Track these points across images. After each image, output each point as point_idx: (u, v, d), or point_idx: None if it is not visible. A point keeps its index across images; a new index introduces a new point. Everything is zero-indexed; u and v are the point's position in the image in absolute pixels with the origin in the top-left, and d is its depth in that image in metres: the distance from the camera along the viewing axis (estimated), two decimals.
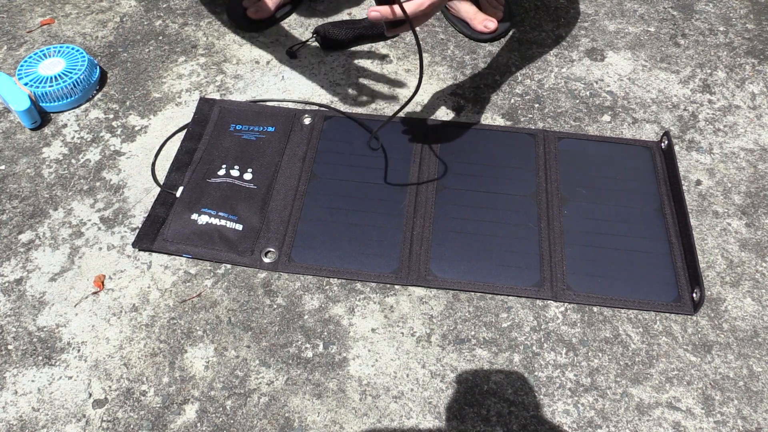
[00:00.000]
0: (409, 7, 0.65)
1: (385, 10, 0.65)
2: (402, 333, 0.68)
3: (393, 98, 0.92)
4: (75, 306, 0.70)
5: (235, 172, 0.81)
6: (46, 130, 0.87)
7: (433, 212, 0.77)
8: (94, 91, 0.92)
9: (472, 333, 0.69)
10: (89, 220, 0.78)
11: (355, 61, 0.97)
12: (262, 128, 0.86)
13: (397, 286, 0.72)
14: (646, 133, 0.88)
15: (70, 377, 0.65)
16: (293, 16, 1.05)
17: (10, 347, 0.67)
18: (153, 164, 0.83)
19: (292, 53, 0.98)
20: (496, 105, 0.91)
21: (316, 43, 1.00)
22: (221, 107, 0.89)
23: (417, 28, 0.82)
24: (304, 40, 1.00)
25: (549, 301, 0.71)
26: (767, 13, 1.07)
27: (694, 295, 0.70)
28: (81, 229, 0.77)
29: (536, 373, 0.66)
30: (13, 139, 0.86)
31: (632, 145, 0.85)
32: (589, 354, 0.67)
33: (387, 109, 0.90)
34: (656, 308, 0.70)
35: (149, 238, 0.75)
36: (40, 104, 0.88)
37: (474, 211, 0.78)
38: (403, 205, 0.78)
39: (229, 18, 1.02)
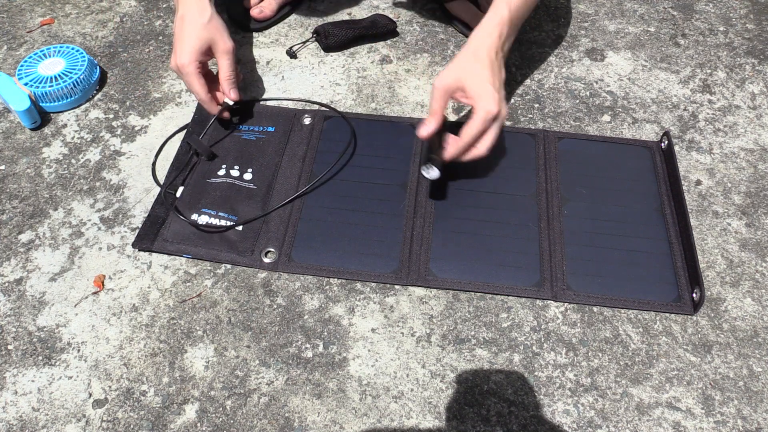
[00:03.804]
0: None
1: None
2: (402, 333, 0.68)
3: (393, 98, 0.92)
4: (75, 306, 0.70)
5: (235, 172, 0.81)
6: (46, 130, 0.87)
7: (433, 212, 0.77)
8: (94, 91, 0.92)
9: (472, 333, 0.69)
10: (89, 220, 0.78)
11: (355, 61, 0.97)
12: (262, 128, 0.86)
13: (397, 286, 0.72)
14: (646, 133, 0.88)
15: (70, 377, 0.65)
16: (293, 16, 1.05)
17: (10, 347, 0.67)
18: (153, 164, 0.83)
19: (292, 53, 0.98)
20: None
21: (316, 43, 1.00)
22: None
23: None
24: (304, 40, 1.00)
25: (549, 301, 0.71)
26: (767, 13, 1.07)
27: (694, 295, 0.70)
28: (81, 229, 0.77)
29: (536, 373, 0.66)
30: (13, 139, 0.86)
31: (632, 145, 0.85)
32: (589, 354, 0.67)
33: (387, 109, 0.90)
34: (656, 308, 0.70)
35: (149, 238, 0.75)
36: (40, 104, 0.88)
37: (474, 211, 0.78)
38: (403, 205, 0.78)
39: (229, 18, 1.02)
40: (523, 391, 0.64)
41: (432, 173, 0.72)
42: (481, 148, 0.72)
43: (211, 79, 0.83)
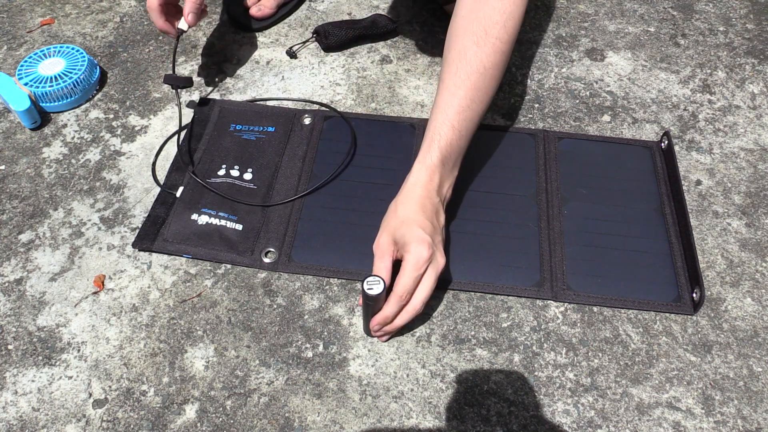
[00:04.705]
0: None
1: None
2: (402, 333, 0.68)
3: (393, 98, 0.92)
4: (75, 306, 0.70)
5: (235, 172, 0.81)
6: (46, 130, 0.87)
7: None
8: (94, 91, 0.92)
9: (472, 333, 0.69)
10: (89, 220, 0.78)
11: (355, 61, 0.97)
12: (262, 128, 0.86)
13: None
14: (646, 133, 0.88)
15: (70, 377, 0.65)
16: (293, 16, 1.05)
17: (10, 347, 0.67)
18: (153, 164, 0.83)
19: (292, 53, 0.98)
20: (496, 105, 0.91)
21: (316, 43, 1.00)
22: (221, 107, 0.89)
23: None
24: (304, 40, 1.00)
25: (549, 301, 0.71)
26: (767, 13, 1.07)
27: (694, 295, 0.70)
28: (81, 229, 0.77)
29: (536, 373, 0.66)
30: (13, 139, 0.86)
31: (632, 145, 0.85)
32: (589, 354, 0.67)
33: (387, 109, 0.90)
34: (656, 308, 0.70)
35: (149, 238, 0.75)
36: (40, 104, 0.88)
37: (474, 211, 0.78)
38: None
39: (229, 18, 1.02)
40: (523, 391, 0.64)
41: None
42: (416, 302, 0.63)
43: (179, 11, 0.85)
